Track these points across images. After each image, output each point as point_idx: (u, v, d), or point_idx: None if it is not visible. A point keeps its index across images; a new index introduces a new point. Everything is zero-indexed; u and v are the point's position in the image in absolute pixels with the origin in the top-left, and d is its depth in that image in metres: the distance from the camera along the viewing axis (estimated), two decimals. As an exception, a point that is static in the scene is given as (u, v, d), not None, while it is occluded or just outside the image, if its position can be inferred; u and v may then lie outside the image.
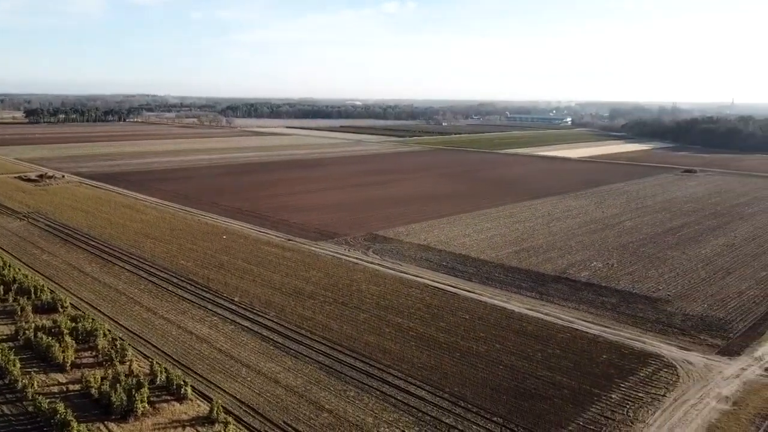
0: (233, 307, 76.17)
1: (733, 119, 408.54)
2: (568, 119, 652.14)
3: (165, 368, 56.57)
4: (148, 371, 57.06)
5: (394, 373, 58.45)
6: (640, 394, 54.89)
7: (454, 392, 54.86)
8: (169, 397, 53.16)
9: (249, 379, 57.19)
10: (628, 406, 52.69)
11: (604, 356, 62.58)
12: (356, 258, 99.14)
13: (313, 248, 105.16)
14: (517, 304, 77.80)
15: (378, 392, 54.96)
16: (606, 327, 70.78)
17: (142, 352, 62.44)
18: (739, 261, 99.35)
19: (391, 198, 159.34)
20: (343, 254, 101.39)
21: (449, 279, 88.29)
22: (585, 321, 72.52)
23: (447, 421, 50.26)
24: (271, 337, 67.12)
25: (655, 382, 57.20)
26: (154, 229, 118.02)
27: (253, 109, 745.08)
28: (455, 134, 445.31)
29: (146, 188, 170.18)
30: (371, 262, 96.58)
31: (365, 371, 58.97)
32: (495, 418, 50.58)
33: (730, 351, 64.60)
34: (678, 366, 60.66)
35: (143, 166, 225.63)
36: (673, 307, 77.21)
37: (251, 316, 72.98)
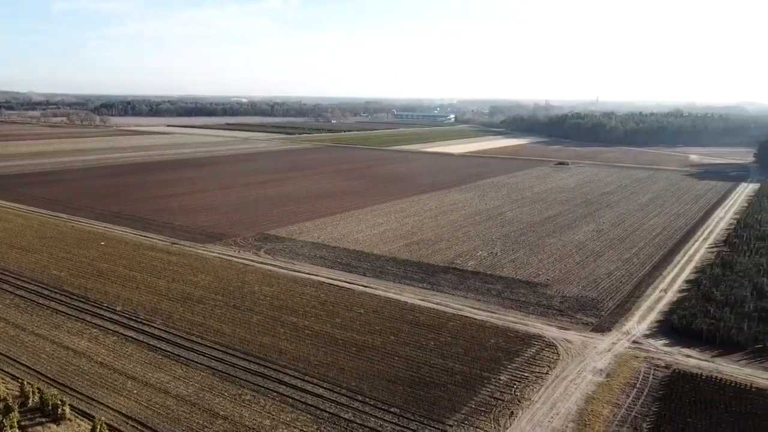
0: (115, 317, 71.46)
1: (598, 115, 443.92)
2: (452, 116, 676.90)
3: (38, 388, 51.92)
4: (18, 393, 52.10)
5: (290, 373, 57.73)
6: (526, 374, 58.30)
7: (351, 387, 55.17)
8: (44, 419, 48.89)
9: (135, 391, 53.95)
10: (515, 386, 55.76)
11: (492, 340, 65.78)
12: (247, 259, 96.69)
13: (200, 251, 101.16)
14: (410, 296, 79.68)
15: (275, 393, 54.03)
16: (493, 312, 74.42)
17: (10, 374, 56.86)
18: (608, 245, 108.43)
19: (282, 196, 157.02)
20: (233, 256, 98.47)
21: (344, 275, 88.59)
22: (473, 308, 75.79)
23: (345, 416, 50.45)
24: (159, 345, 63.77)
25: (539, 362, 61.01)
26: (19, 238, 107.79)
27: (130, 107, 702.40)
28: (345, 131, 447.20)
29: (9, 193, 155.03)
30: (263, 263, 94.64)
31: (261, 373, 57.74)
32: (392, 409, 51.51)
33: (603, 327, 70.37)
34: (558, 345, 65.11)
35: (3, 169, 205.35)
36: (552, 290, 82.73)
37: (136, 326, 68.88)
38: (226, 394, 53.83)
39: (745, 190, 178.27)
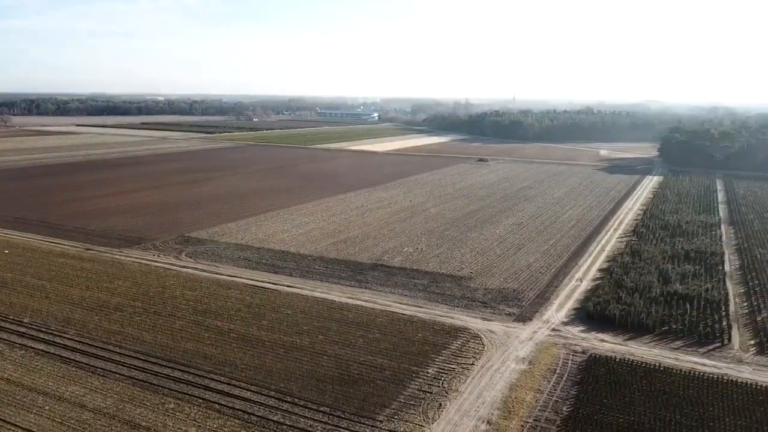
0: (23, 329, 66.92)
1: (515, 113, 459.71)
2: (375, 115, 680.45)
3: (-65, 410, 47.85)
4: None
5: (216, 378, 56.19)
6: (453, 366, 59.62)
7: (280, 389, 54.42)
8: (-57, 444, 45.13)
9: (47, 408, 50.77)
10: (443, 379, 56.90)
11: (420, 334, 66.78)
12: (168, 263, 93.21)
13: (117, 256, 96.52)
14: (337, 294, 79.52)
15: (200, 400, 52.42)
16: (420, 307, 75.57)
17: None
18: (527, 237, 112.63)
19: (203, 197, 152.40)
20: (152, 260, 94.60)
21: (269, 276, 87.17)
22: (401, 303, 76.65)
23: (274, 418, 49.72)
24: (73, 357, 60.32)
25: (465, 353, 62.55)
26: None
27: (34, 105, 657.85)
28: (267, 130, 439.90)
29: None
30: (185, 266, 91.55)
31: (185, 380, 55.85)
32: (322, 408, 51.25)
33: (524, 317, 73.07)
34: (483, 336, 67.00)
35: None
36: (476, 283, 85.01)
37: (47, 338, 64.80)
38: (148, 403, 51.69)
39: (651, 183, 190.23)
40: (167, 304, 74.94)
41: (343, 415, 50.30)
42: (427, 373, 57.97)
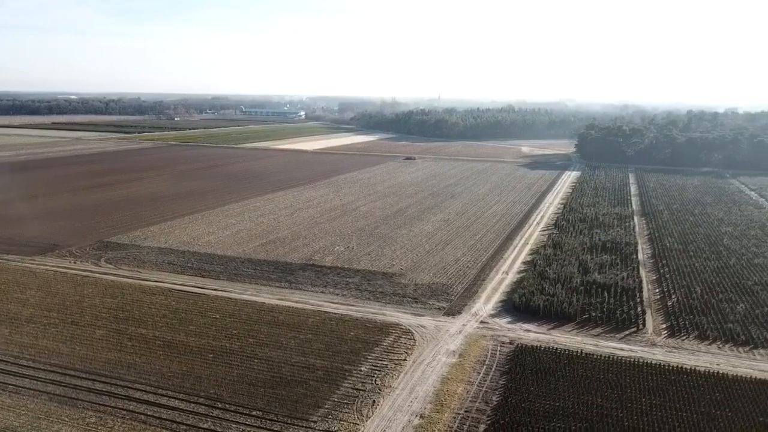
0: None
1: (440, 111, 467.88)
2: (302, 113, 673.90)
3: None
4: None
5: (141, 388, 53.97)
6: (386, 362, 60.05)
7: (210, 395, 52.96)
8: None
9: (-47, 430, 47.10)
10: (376, 376, 57.20)
11: (352, 333, 66.82)
12: (86, 270, 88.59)
13: (28, 265, 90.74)
14: (267, 296, 78.25)
15: (124, 412, 50.18)
16: (351, 306, 75.60)
17: None
18: (454, 233, 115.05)
19: (122, 200, 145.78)
20: (68, 268, 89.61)
21: (195, 280, 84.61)
22: (332, 303, 76.39)
23: (204, 426, 48.35)
24: (-19, 374, 56.20)
25: (397, 349, 63.15)
26: None
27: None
28: (190, 129, 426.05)
29: None
30: (105, 273, 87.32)
31: (107, 392, 53.30)
32: (254, 412, 50.32)
33: (453, 311, 74.61)
34: (414, 331, 67.88)
35: None
36: (406, 279, 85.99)
37: (-51, 355, 60.03)
38: (66, 419, 48.96)
39: (569, 178, 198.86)
40: (86, 314, 71.24)
41: (276, 418, 49.61)
42: (360, 371, 58.09)
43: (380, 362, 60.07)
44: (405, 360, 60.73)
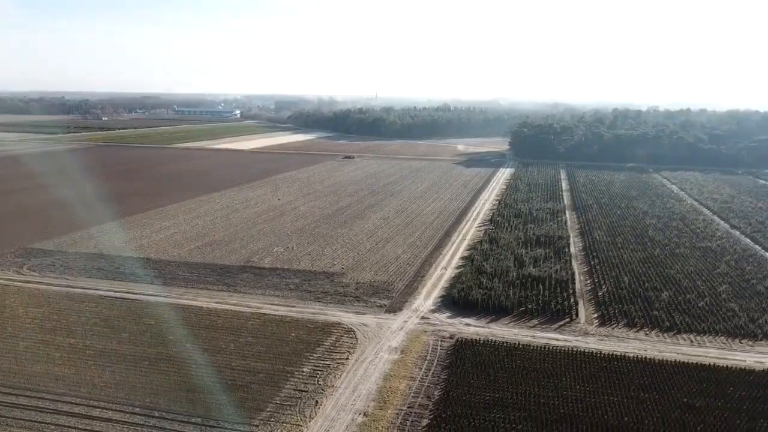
0: None
1: (378, 110, 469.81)
2: (237, 112, 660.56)
3: None
4: None
5: (71, 401, 51.51)
6: (328, 362, 59.80)
7: (146, 404, 51.18)
8: None
9: None
10: (319, 376, 56.87)
11: (293, 334, 66.15)
12: (6, 279, 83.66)
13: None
14: (205, 300, 76.33)
15: (52, 427, 47.80)
16: (292, 306, 74.82)
17: None
18: (394, 231, 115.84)
19: (47, 204, 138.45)
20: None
21: (129, 286, 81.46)
22: (273, 304, 75.36)
23: (141, 436, 46.68)
24: None
25: (339, 348, 63.00)
26: None
27: None
28: (120, 129, 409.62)
29: None
30: (28, 282, 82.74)
31: (33, 407, 50.56)
32: (194, 420, 49.02)
33: (394, 308, 75.13)
34: (356, 330, 67.91)
35: None
36: (348, 278, 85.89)
37: None
38: (-11, 437, 46.13)
39: (504, 175, 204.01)
40: (7, 325, 67.29)
41: (216, 424, 48.51)
42: (303, 371, 57.61)
43: (323, 362, 59.77)
44: (347, 359, 60.68)
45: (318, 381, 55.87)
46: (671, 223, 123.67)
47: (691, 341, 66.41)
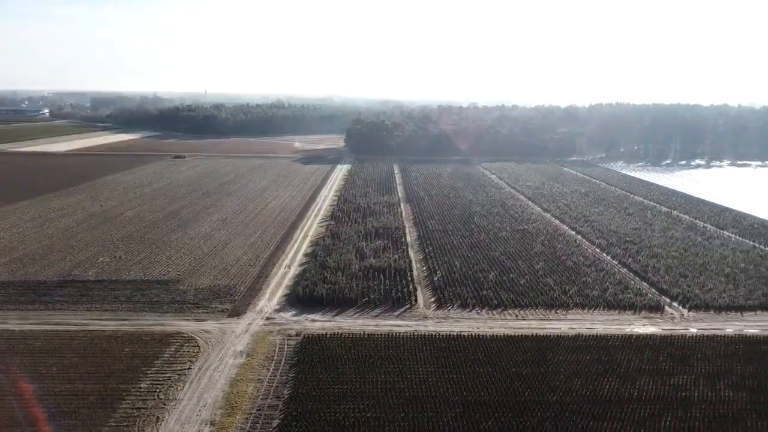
0: None
1: (209, 107, 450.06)
2: (45, 111, 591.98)
3: None
4: None
5: None
6: (168, 375, 56.33)
7: (-53, 449, 44.12)
8: None
9: None
10: (158, 390, 53.34)
11: (127, 349, 61.26)
12: None
13: None
14: (18, 322, 67.63)
15: None
16: (124, 320, 69.25)
17: None
18: (233, 232, 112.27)
19: None
20: None
21: None
22: (101, 320, 69.11)
23: (-56, 487, 40.18)
24: None
25: (180, 359, 59.65)
26: None
27: None
28: None
29: None
30: None
31: None
32: (11, 458, 43.32)
33: (238, 311, 72.94)
34: (197, 337, 64.79)
35: None
36: (185, 285, 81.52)
37: None
38: None
39: (341, 171, 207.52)
40: None
41: (40, 459, 43.36)
42: (140, 388, 53.65)
43: (162, 375, 56.17)
44: (190, 368, 57.69)
45: (158, 395, 52.40)
46: (493, 209, 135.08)
47: (516, 315, 73.29)
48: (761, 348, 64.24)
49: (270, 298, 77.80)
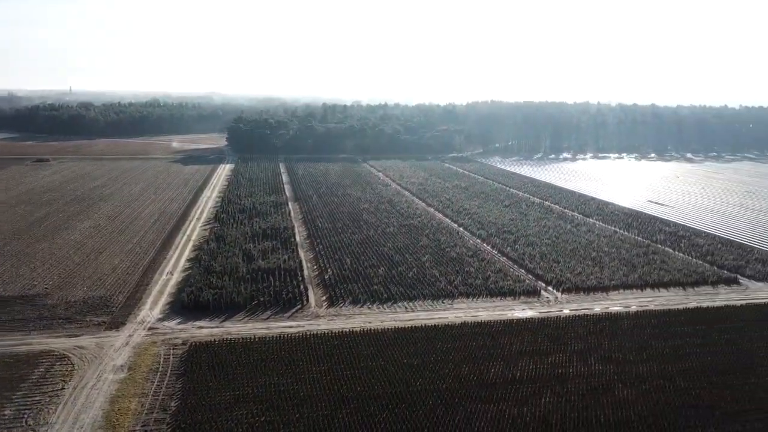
0: None
1: (74, 106, 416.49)
2: None
3: None
4: None
5: None
6: (38, 398, 51.60)
7: None
8: None
9: None
10: (26, 416, 48.69)
11: (-13, 374, 55.31)
12: None
13: None
14: None
15: None
16: (-18, 342, 62.41)
17: None
18: (108, 239, 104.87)
19: None
20: None
21: None
22: (-47, 344, 61.75)
23: None
24: None
25: (51, 379, 54.85)
26: None
27: None
28: None
29: None
30: None
31: None
32: None
33: (117, 323, 68.31)
34: (71, 354, 59.90)
35: None
36: (54, 299, 75.01)
37: None
38: None
39: (224, 171, 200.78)
40: None
41: None
42: (4, 415, 48.65)
43: (30, 399, 51.31)
44: (63, 389, 53.20)
45: (26, 422, 47.81)
46: (381, 206, 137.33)
47: (405, 308, 75.10)
48: (624, 323, 70.89)
49: (152, 308, 73.65)
